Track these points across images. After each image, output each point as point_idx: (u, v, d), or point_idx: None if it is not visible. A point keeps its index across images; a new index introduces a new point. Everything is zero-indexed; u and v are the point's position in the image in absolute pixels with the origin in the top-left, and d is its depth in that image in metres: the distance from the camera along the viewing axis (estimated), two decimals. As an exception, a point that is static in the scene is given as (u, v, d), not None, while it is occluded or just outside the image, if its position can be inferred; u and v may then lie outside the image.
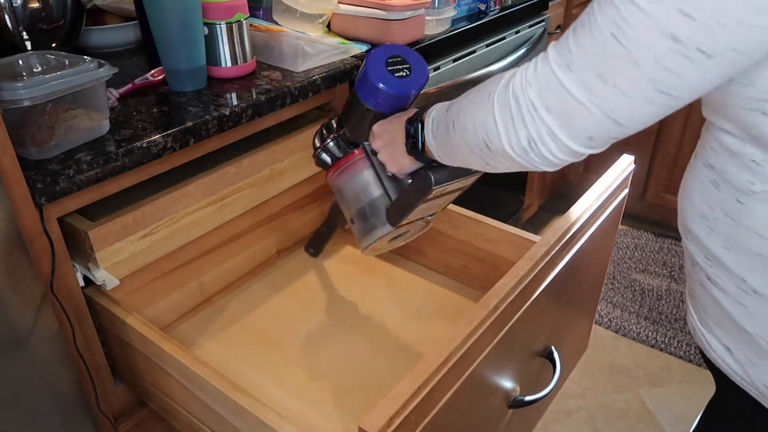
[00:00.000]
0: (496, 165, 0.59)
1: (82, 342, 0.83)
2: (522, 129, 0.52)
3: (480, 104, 0.56)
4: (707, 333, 0.62)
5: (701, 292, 0.61)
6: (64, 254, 0.78)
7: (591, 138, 0.50)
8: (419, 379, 0.58)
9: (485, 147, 0.57)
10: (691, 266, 0.62)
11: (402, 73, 0.75)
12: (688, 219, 0.61)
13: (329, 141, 0.86)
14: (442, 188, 0.72)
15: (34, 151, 0.75)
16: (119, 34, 1.18)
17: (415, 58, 0.77)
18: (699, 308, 0.63)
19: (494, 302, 0.68)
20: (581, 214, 0.85)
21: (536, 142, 0.51)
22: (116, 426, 0.91)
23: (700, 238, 0.59)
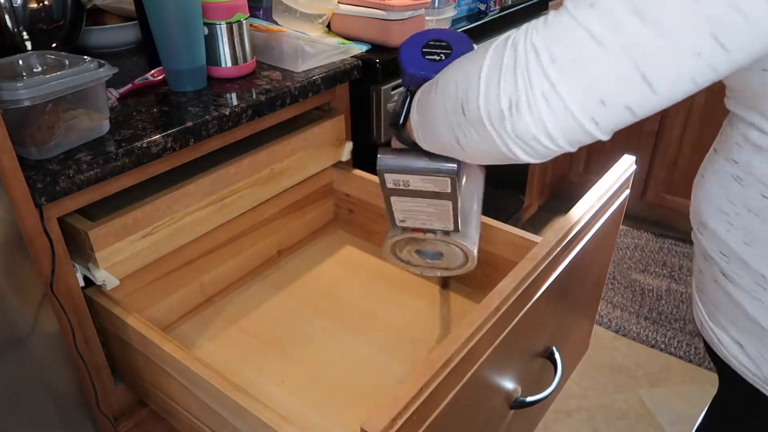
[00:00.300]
0: (466, 142, 0.49)
1: (82, 342, 0.83)
2: (508, 84, 0.41)
3: (472, 60, 0.47)
4: (717, 328, 0.61)
5: (713, 287, 0.60)
6: (64, 254, 0.78)
7: (603, 103, 0.39)
8: (421, 380, 0.58)
9: (460, 112, 0.47)
10: (704, 261, 0.61)
11: (435, 57, 0.67)
12: (704, 214, 0.59)
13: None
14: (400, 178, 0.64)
15: (34, 151, 0.74)
16: (119, 34, 1.17)
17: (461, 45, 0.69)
18: (709, 304, 0.62)
19: (496, 303, 0.68)
20: (583, 214, 0.84)
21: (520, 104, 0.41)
22: (116, 426, 0.91)
23: (718, 233, 0.57)
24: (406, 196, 0.68)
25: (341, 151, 1.14)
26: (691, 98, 1.90)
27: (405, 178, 0.65)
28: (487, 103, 0.43)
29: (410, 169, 0.63)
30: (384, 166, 0.63)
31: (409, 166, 0.63)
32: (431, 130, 0.55)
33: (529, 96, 0.40)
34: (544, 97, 0.40)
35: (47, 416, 0.75)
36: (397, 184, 0.65)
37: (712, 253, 0.59)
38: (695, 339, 1.74)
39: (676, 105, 1.94)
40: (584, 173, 2.26)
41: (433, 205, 0.70)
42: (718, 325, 0.61)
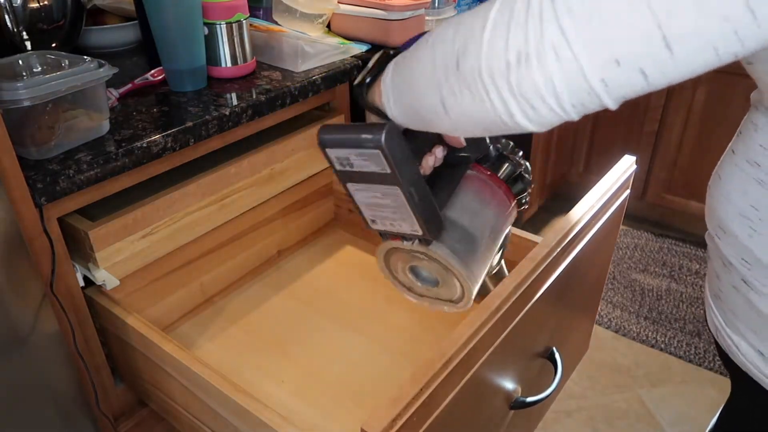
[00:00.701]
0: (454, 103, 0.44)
1: (82, 342, 0.83)
2: (517, 34, 0.38)
3: (475, 12, 0.43)
4: (735, 335, 0.59)
5: (733, 294, 0.57)
6: (64, 254, 0.78)
7: (617, 62, 0.36)
8: (421, 380, 0.58)
9: (453, 66, 0.42)
10: (722, 267, 0.58)
11: None
12: (724, 219, 0.56)
13: None
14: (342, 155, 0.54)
15: (34, 151, 0.74)
16: (119, 34, 1.17)
17: None
18: (726, 310, 0.60)
19: (496, 303, 0.68)
20: (583, 215, 0.84)
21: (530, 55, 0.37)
22: (116, 426, 0.91)
23: (740, 238, 0.54)
24: (358, 182, 0.58)
25: (341, 151, 1.14)
26: (691, 98, 1.90)
27: (345, 153, 0.54)
28: (491, 55, 0.39)
29: (344, 140, 0.53)
30: (323, 139, 0.53)
31: (344, 137, 0.53)
32: (409, 91, 0.49)
33: (539, 48, 0.37)
34: (554, 49, 0.36)
35: (47, 416, 0.75)
36: (342, 164, 0.55)
37: (732, 259, 0.56)
38: (695, 339, 1.74)
39: (676, 105, 1.94)
40: (584, 173, 2.26)
41: (388, 195, 0.58)
42: (736, 332, 0.59)
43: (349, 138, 0.53)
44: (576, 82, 0.37)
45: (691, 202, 2.05)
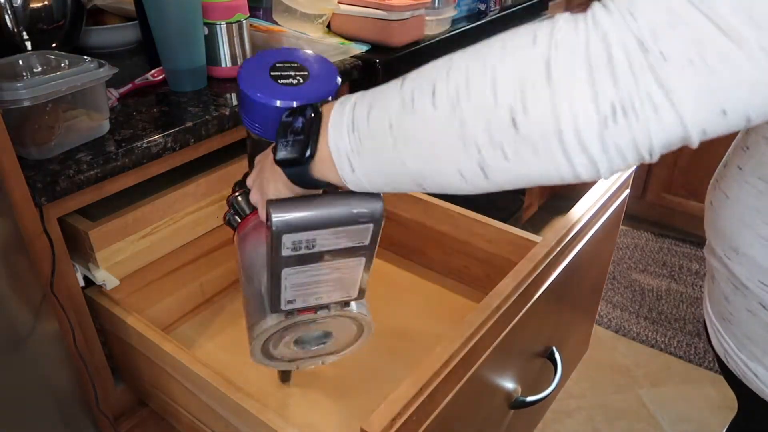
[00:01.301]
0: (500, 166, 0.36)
1: (82, 342, 0.83)
2: (607, 86, 0.32)
3: (513, 55, 0.35)
4: (750, 361, 0.56)
5: (746, 318, 0.54)
6: (64, 254, 0.78)
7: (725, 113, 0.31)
8: (421, 380, 0.58)
9: (508, 125, 0.35)
10: (734, 289, 0.55)
11: (291, 81, 0.52)
12: (736, 239, 0.53)
13: (237, 195, 0.61)
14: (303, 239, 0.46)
15: (34, 151, 0.74)
16: (119, 34, 1.17)
17: (317, 64, 0.56)
18: (739, 334, 0.57)
19: (496, 303, 0.68)
20: (582, 214, 0.84)
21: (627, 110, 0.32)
22: (116, 426, 0.91)
23: (758, 260, 0.51)
24: (305, 263, 0.50)
25: (341, 151, 1.14)
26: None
27: (310, 236, 0.46)
28: (574, 109, 0.33)
29: (322, 221, 0.45)
30: (284, 225, 0.44)
31: (319, 217, 0.45)
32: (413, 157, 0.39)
33: (634, 100, 0.31)
34: (652, 102, 0.31)
35: (47, 416, 0.75)
36: (297, 247, 0.47)
37: (748, 282, 0.53)
38: (695, 339, 1.74)
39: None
40: (584, 173, 2.26)
41: (340, 269, 0.52)
42: (752, 358, 0.56)
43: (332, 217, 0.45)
44: (675, 134, 0.32)
45: (691, 202, 2.05)
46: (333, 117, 0.43)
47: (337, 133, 0.42)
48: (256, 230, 0.58)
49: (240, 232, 0.61)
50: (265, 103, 0.51)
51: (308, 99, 0.51)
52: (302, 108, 0.45)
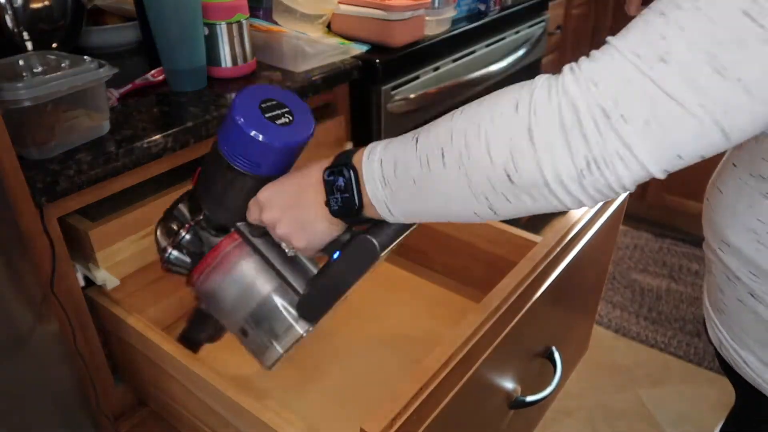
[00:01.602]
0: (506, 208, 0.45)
1: (82, 342, 0.83)
2: (580, 146, 0.39)
3: (500, 120, 0.42)
4: (742, 350, 0.58)
5: (738, 308, 0.57)
6: (65, 254, 0.78)
7: (680, 157, 0.38)
8: (421, 380, 0.58)
9: (505, 181, 0.42)
10: (727, 281, 0.57)
11: (284, 119, 0.56)
12: (728, 232, 0.56)
13: (183, 233, 0.64)
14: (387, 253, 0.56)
15: (34, 151, 0.74)
16: (119, 34, 1.17)
17: (293, 101, 0.59)
18: (731, 324, 0.59)
19: (495, 303, 0.68)
20: (582, 214, 0.85)
21: (599, 164, 0.39)
22: (116, 426, 0.91)
23: (746, 252, 0.54)
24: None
25: (341, 151, 1.14)
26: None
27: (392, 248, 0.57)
28: (556, 167, 0.40)
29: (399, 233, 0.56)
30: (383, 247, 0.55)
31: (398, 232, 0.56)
32: (434, 204, 0.48)
33: (605, 155, 0.38)
34: (620, 157, 0.38)
35: (47, 416, 0.75)
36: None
37: (739, 272, 0.55)
38: (695, 339, 1.74)
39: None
40: (584, 173, 2.26)
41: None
42: (743, 347, 0.58)
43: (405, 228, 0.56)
44: (641, 176, 0.39)
45: (690, 202, 2.05)
46: (365, 173, 0.51)
47: (372, 187, 0.51)
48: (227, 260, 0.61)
49: (201, 271, 0.63)
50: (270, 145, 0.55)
51: (301, 137, 0.57)
52: (338, 167, 0.52)
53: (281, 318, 0.62)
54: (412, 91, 1.20)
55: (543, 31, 1.64)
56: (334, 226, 0.56)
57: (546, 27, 1.66)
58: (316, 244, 0.58)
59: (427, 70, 1.25)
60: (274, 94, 0.58)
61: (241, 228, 0.61)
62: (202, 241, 0.64)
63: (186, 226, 0.64)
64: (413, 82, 1.21)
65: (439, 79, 1.27)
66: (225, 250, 0.63)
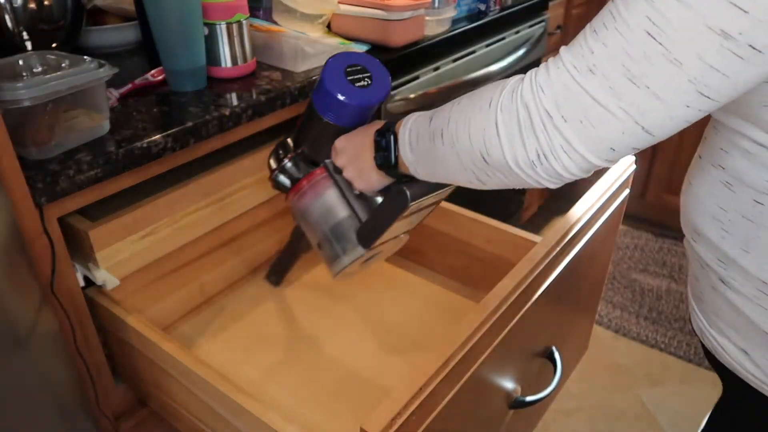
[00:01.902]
0: (489, 180, 0.54)
1: (82, 342, 0.83)
2: (531, 141, 0.47)
3: (478, 113, 0.52)
4: (719, 336, 0.60)
5: (712, 295, 0.59)
6: (64, 254, 0.78)
7: (613, 149, 0.45)
8: (421, 380, 0.58)
9: (481, 161, 0.52)
10: (700, 269, 0.61)
11: (363, 83, 0.69)
12: (696, 221, 0.59)
13: (287, 161, 0.80)
14: (418, 203, 0.68)
15: (34, 151, 0.74)
16: (119, 34, 1.17)
17: (375, 67, 0.72)
18: (708, 311, 0.61)
19: (495, 303, 0.68)
20: (582, 214, 0.85)
21: (547, 155, 0.47)
22: (116, 426, 0.91)
23: (713, 240, 0.57)
24: (405, 218, 0.71)
25: (341, 151, 1.14)
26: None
27: (424, 201, 0.69)
28: (515, 155, 0.48)
29: (430, 190, 0.68)
30: (414, 197, 0.66)
31: (428, 188, 0.67)
32: (441, 170, 0.59)
33: (552, 149, 0.46)
34: (564, 150, 0.46)
35: (47, 416, 0.75)
36: (412, 210, 0.68)
37: (709, 260, 0.58)
38: (695, 339, 1.74)
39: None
40: (584, 173, 2.26)
41: (421, 215, 0.77)
42: (719, 333, 0.60)
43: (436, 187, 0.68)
44: (585, 167, 0.47)
45: (691, 202, 2.05)
46: (400, 138, 0.63)
47: (404, 150, 0.63)
48: (314, 188, 0.78)
49: (296, 192, 0.80)
50: (348, 103, 0.68)
51: (375, 99, 0.70)
52: (384, 132, 0.65)
53: (348, 239, 0.76)
54: (412, 91, 1.20)
55: (543, 31, 1.64)
56: (383, 177, 0.68)
57: (546, 27, 1.66)
58: (372, 188, 0.71)
59: (427, 70, 1.25)
60: (360, 60, 0.71)
61: (327, 164, 0.76)
62: (299, 169, 0.80)
63: (289, 155, 0.81)
64: (413, 82, 1.21)
65: (439, 79, 1.28)
66: (315, 179, 0.78)
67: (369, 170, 0.68)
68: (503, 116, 0.49)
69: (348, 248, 0.76)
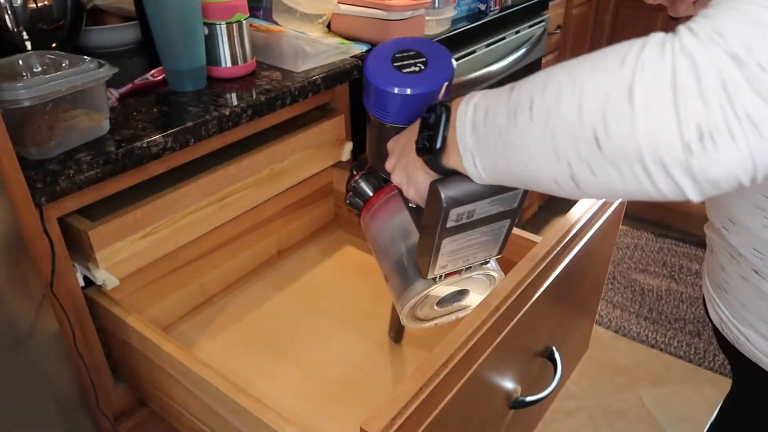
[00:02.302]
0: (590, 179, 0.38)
1: (82, 342, 0.83)
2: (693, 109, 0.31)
3: (600, 75, 0.35)
4: (743, 327, 0.60)
5: (741, 285, 0.58)
6: (64, 254, 0.78)
7: None
8: (421, 379, 0.58)
9: (592, 143, 0.35)
10: (730, 259, 0.59)
11: (413, 68, 0.57)
12: (736, 211, 0.56)
13: (358, 179, 0.70)
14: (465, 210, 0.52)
15: (34, 151, 0.74)
16: (119, 34, 1.17)
17: (433, 49, 0.59)
18: (733, 301, 0.61)
19: (495, 303, 0.68)
20: (582, 214, 0.84)
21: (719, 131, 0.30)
22: (116, 426, 0.91)
23: (753, 229, 0.54)
24: (462, 232, 0.56)
25: (341, 151, 1.14)
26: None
27: (471, 207, 0.53)
28: (656, 133, 0.32)
29: (481, 193, 0.51)
30: (452, 201, 0.50)
31: (479, 190, 0.51)
32: (517, 161, 0.43)
33: (730, 121, 0.30)
34: (751, 119, 0.30)
35: (47, 416, 0.75)
36: (459, 219, 0.53)
37: (743, 249, 0.57)
38: (695, 339, 1.74)
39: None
40: (584, 173, 2.26)
41: (487, 232, 0.59)
42: (744, 323, 0.60)
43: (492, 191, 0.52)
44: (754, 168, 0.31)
45: (691, 202, 2.05)
46: (459, 114, 0.47)
47: (462, 130, 0.46)
48: (385, 207, 0.66)
49: (367, 211, 0.69)
50: (394, 93, 0.56)
51: (429, 85, 0.57)
52: (435, 105, 0.49)
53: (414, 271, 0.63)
54: (412, 91, 1.20)
55: (543, 31, 1.64)
56: (428, 174, 0.53)
57: (546, 27, 1.65)
58: (422, 195, 0.54)
59: (427, 70, 1.25)
60: (413, 45, 0.59)
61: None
62: (371, 187, 0.70)
63: (362, 172, 0.71)
64: (413, 82, 1.21)
65: (439, 79, 1.27)
66: (384, 197, 0.67)
67: (414, 169, 0.54)
68: (646, 75, 0.33)
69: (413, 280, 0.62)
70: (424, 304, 0.65)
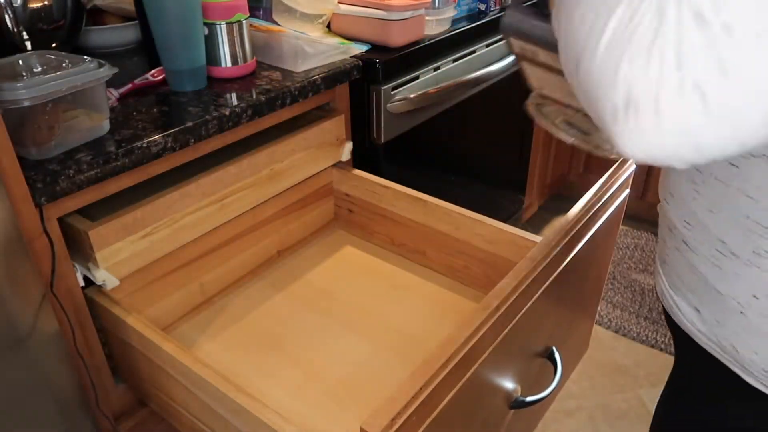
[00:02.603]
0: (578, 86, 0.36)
1: (82, 342, 0.83)
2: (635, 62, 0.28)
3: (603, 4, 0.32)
4: (676, 296, 0.63)
5: (676, 256, 0.62)
6: (64, 254, 0.78)
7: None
8: (421, 379, 0.58)
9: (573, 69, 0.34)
10: (668, 232, 0.63)
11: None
12: (673, 183, 0.61)
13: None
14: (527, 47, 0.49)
15: (34, 151, 0.74)
16: (119, 34, 1.17)
17: None
18: (671, 273, 0.64)
19: (495, 303, 0.68)
20: (582, 214, 0.84)
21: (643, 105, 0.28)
22: (116, 426, 0.91)
23: (686, 201, 0.58)
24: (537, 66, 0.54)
25: (341, 151, 1.15)
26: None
27: (532, 48, 0.50)
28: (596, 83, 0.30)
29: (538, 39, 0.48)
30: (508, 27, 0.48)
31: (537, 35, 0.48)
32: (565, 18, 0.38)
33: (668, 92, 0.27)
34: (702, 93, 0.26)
35: (47, 416, 0.75)
36: (524, 52, 0.51)
37: (676, 221, 0.60)
38: (695, 339, 1.74)
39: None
40: (584, 173, 2.26)
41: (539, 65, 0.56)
42: (678, 293, 0.63)
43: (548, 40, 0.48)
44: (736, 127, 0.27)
45: (691, 202, 2.05)
46: None
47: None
48: None
49: None
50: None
51: None
52: None
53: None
54: (412, 90, 1.20)
55: (543, 31, 1.64)
56: None
57: (546, 27, 1.65)
58: None
59: (427, 70, 1.25)
60: None
61: None
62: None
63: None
64: (413, 82, 1.21)
65: (439, 79, 1.27)
66: None
67: None
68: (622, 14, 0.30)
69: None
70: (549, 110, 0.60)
